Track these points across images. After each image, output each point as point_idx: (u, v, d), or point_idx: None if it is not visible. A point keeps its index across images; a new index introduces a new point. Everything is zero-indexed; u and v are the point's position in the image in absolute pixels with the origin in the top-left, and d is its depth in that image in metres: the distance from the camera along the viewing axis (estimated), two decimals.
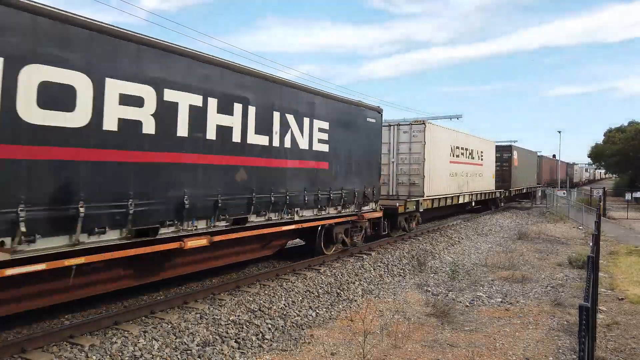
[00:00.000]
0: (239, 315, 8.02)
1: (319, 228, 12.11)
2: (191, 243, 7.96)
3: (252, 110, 9.36)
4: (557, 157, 54.18)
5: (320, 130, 11.57)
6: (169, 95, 7.63)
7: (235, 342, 7.21)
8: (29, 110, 5.77)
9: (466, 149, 23.37)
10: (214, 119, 8.52)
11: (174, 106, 7.73)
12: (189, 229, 8.02)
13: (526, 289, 11.30)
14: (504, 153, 32.15)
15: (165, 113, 7.56)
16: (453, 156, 21.57)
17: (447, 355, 7.15)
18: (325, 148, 11.78)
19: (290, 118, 10.47)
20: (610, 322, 8.93)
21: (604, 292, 11.08)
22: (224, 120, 8.74)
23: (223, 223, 8.71)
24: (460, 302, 10.10)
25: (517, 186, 33.96)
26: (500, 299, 10.37)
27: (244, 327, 7.71)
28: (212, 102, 8.46)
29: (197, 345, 6.85)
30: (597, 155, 65.18)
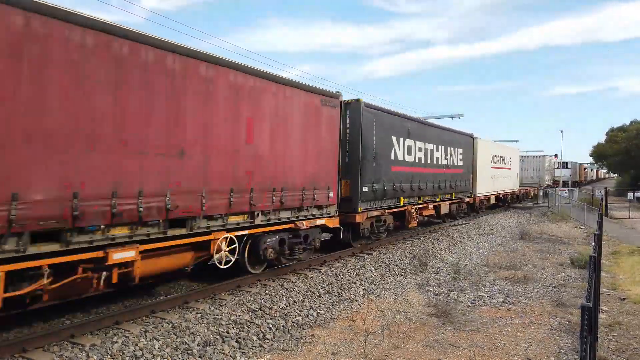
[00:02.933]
0: (239, 315, 8.01)
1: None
2: None
3: None
4: (559, 157, 53.89)
5: None
6: None
7: (236, 341, 7.20)
8: None
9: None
10: None
11: None
12: None
13: (528, 288, 11.27)
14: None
15: None
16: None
17: (449, 355, 7.14)
18: None
19: None
20: (612, 322, 8.90)
21: (606, 292, 11.05)
22: None
23: None
24: (462, 302, 10.08)
25: None
26: (502, 299, 10.35)
27: (245, 326, 7.70)
28: None
29: (198, 345, 6.84)
30: (599, 155, 65.16)
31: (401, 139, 15.27)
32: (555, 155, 55.03)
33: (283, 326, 8.05)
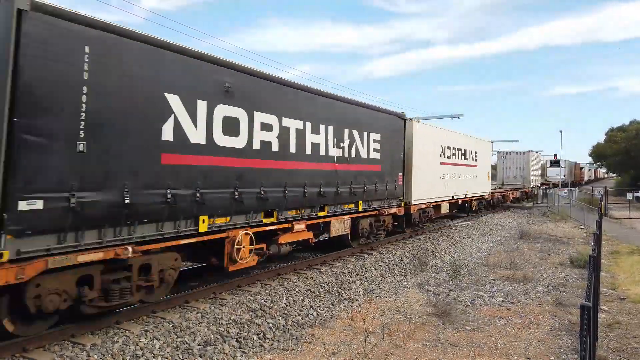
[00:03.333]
0: (240, 315, 8.02)
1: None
2: None
3: None
4: (559, 157, 53.84)
5: None
6: None
7: (236, 341, 7.21)
8: None
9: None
10: None
11: None
12: None
13: (527, 288, 11.29)
14: None
15: None
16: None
17: (449, 355, 7.15)
18: None
19: None
20: (611, 321, 8.92)
21: (605, 291, 11.07)
22: None
23: None
24: (462, 301, 10.09)
25: None
26: (501, 299, 10.36)
27: (245, 326, 7.72)
28: None
29: (198, 345, 6.86)
30: (598, 154, 65.28)
31: (203, 103, 8.00)
32: (555, 155, 54.92)
33: (283, 326, 8.06)
